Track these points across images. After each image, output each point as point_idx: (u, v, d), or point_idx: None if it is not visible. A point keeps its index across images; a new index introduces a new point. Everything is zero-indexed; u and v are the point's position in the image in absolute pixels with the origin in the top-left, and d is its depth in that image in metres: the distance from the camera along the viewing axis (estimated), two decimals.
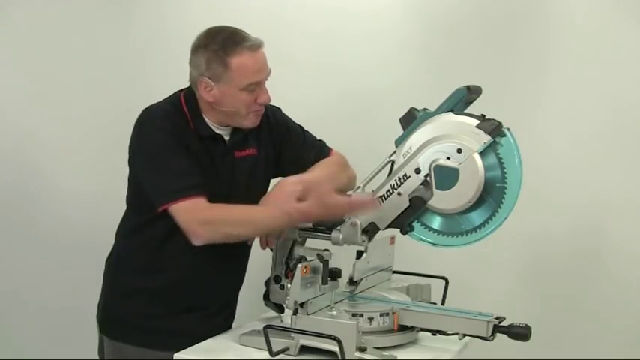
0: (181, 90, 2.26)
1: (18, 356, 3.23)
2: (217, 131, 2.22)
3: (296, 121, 2.43)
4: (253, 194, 2.19)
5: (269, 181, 2.33)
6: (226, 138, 2.24)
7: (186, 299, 2.23)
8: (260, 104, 2.19)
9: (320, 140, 2.43)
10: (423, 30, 3.10)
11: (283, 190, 2.14)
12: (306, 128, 2.44)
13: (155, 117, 2.16)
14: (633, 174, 2.95)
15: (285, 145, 2.36)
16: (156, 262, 2.22)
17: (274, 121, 2.36)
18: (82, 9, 3.24)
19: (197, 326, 2.18)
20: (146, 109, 2.20)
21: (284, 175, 2.26)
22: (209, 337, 2.10)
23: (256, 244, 2.31)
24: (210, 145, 2.20)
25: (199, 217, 2.07)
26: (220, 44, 2.12)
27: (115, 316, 2.29)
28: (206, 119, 2.21)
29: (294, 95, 2.79)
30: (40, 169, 3.29)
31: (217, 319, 2.25)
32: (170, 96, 2.26)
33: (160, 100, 2.25)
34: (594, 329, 2.97)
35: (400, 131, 2.01)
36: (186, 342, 2.03)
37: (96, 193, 3.20)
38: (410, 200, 1.98)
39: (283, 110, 2.42)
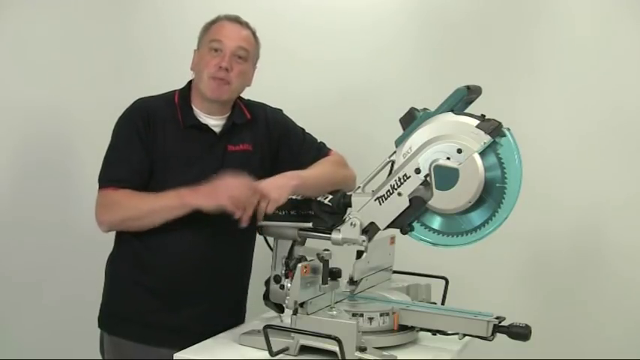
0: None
1: (20, 355, 3.23)
2: (203, 120, 2.26)
3: (295, 121, 2.44)
4: None
5: (264, 178, 2.26)
6: (217, 130, 2.27)
7: (184, 296, 2.23)
8: (221, 69, 2.21)
9: (320, 142, 2.44)
10: (422, 26, 3.11)
11: (279, 180, 2.17)
12: (302, 125, 2.44)
13: (131, 108, 2.28)
14: (633, 173, 2.95)
15: (284, 145, 2.37)
16: (154, 258, 2.23)
17: (273, 119, 2.38)
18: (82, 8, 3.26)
19: (195, 323, 2.18)
20: (135, 100, 2.29)
21: None
22: (208, 335, 2.10)
23: (257, 245, 2.32)
24: (197, 136, 2.24)
25: (102, 202, 2.19)
26: (212, 19, 2.31)
27: (114, 312, 2.30)
28: (195, 109, 2.27)
29: (291, 92, 2.80)
30: (40, 169, 3.30)
31: (218, 317, 2.24)
32: (168, 91, 2.33)
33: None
34: (594, 329, 2.97)
35: (400, 130, 2.01)
36: (184, 339, 2.03)
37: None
38: (410, 200, 1.98)
39: (282, 107, 2.43)
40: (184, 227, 2.17)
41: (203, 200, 2.09)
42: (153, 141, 2.21)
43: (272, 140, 2.36)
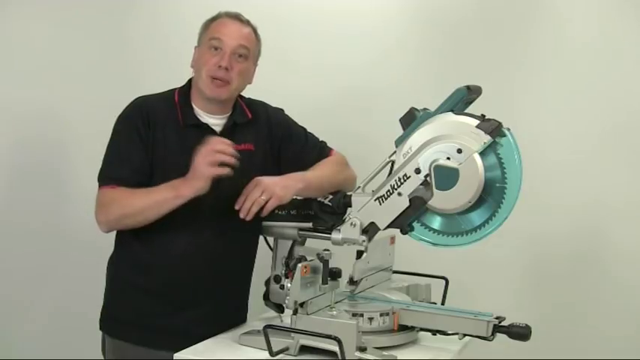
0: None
1: (23, 356, 3.23)
2: (204, 120, 2.25)
3: (297, 122, 2.43)
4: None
5: None
6: (217, 129, 2.26)
7: (185, 298, 2.22)
8: (220, 68, 2.20)
9: (322, 141, 2.44)
10: (422, 28, 3.11)
11: (285, 180, 2.16)
12: (304, 127, 2.43)
13: (132, 107, 2.27)
14: (633, 175, 2.95)
15: (286, 145, 2.36)
16: (154, 260, 2.22)
17: (275, 120, 2.37)
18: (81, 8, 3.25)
19: (196, 326, 2.17)
20: (135, 98, 2.28)
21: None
22: (209, 337, 2.10)
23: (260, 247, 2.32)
24: (197, 135, 2.20)
25: (100, 201, 2.19)
26: (213, 16, 2.29)
27: (114, 315, 2.29)
28: (195, 108, 2.26)
29: (292, 95, 2.79)
30: (35, 172, 3.29)
31: (220, 319, 2.23)
32: (168, 90, 2.32)
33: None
34: (594, 329, 2.97)
35: (400, 131, 2.01)
36: (185, 341, 2.03)
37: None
38: (410, 200, 1.98)
39: (284, 109, 2.43)
40: (185, 228, 2.17)
41: (193, 185, 2.07)
42: (153, 141, 2.20)
43: (274, 141, 2.35)
